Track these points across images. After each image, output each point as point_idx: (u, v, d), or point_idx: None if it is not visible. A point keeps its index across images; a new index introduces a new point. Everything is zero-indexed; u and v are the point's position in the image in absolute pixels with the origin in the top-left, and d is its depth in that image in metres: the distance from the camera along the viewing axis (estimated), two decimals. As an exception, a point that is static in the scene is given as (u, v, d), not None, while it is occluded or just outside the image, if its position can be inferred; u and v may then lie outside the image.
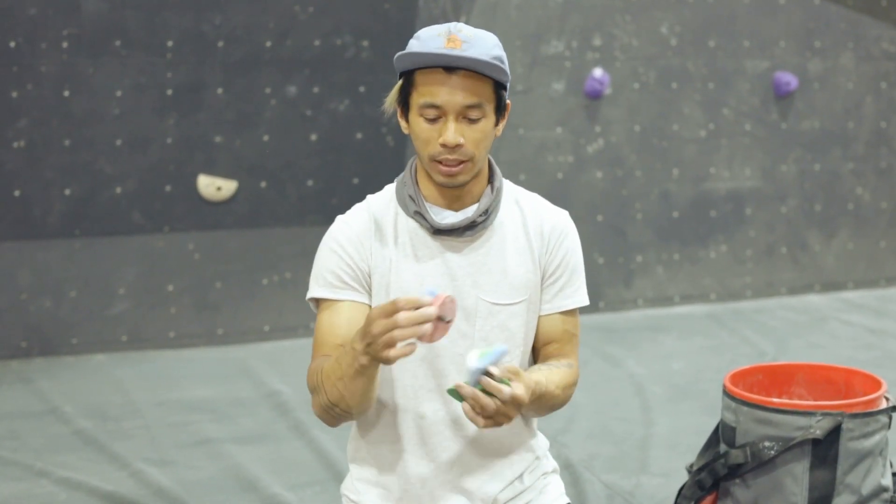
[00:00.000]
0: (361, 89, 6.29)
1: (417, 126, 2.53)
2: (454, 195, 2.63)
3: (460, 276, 2.61)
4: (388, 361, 2.30)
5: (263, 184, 6.22)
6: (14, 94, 5.77)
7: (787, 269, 7.17)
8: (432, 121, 2.51)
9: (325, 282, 2.58)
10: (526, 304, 2.66)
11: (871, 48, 7.13)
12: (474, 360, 2.31)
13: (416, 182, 2.65)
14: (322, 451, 4.76)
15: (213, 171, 6.14)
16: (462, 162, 2.53)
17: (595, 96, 6.60)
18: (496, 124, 2.58)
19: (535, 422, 2.79)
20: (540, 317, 2.70)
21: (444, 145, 2.49)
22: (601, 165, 6.70)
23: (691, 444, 4.66)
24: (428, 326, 2.23)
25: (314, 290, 2.60)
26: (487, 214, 2.63)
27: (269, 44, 6.09)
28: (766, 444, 3.43)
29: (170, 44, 5.95)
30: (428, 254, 2.61)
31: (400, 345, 2.27)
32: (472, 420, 2.32)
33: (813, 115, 7.10)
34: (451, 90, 2.47)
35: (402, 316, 2.22)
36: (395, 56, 2.54)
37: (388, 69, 6.16)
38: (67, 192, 5.91)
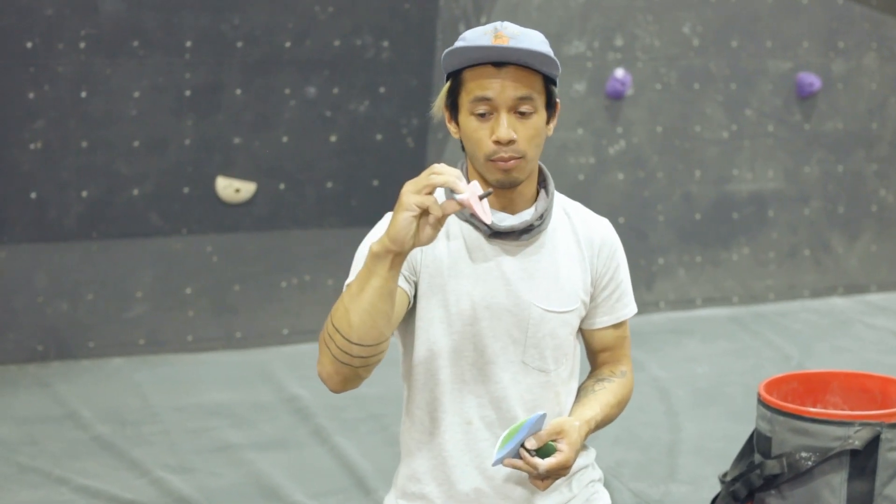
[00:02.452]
0: (381, 90, 6.26)
1: (468, 125, 2.50)
2: (508, 198, 2.59)
3: (514, 281, 2.58)
4: (412, 213, 2.27)
5: (282, 185, 6.20)
6: (31, 95, 5.74)
7: (810, 272, 7.14)
8: (483, 118, 2.47)
9: None
10: (577, 314, 2.65)
11: (896, 48, 7.19)
12: (503, 447, 2.33)
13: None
14: (345, 458, 4.73)
15: (231, 172, 6.12)
16: (515, 158, 2.50)
17: (617, 97, 6.59)
18: (547, 122, 2.56)
19: None
20: (594, 330, 2.71)
21: (497, 142, 2.46)
22: (623, 167, 6.69)
23: (719, 450, 4.66)
24: (463, 185, 2.26)
25: (355, 273, 2.52)
26: (543, 218, 2.61)
27: (288, 44, 6.06)
28: (803, 454, 3.37)
29: (188, 44, 5.92)
30: (482, 257, 2.58)
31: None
32: (533, 484, 2.41)
33: (836, 116, 7.07)
34: (501, 83, 2.45)
35: (439, 165, 2.24)
36: (444, 54, 2.51)
37: (408, 70, 6.23)
38: (84, 193, 5.89)
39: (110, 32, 5.78)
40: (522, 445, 2.33)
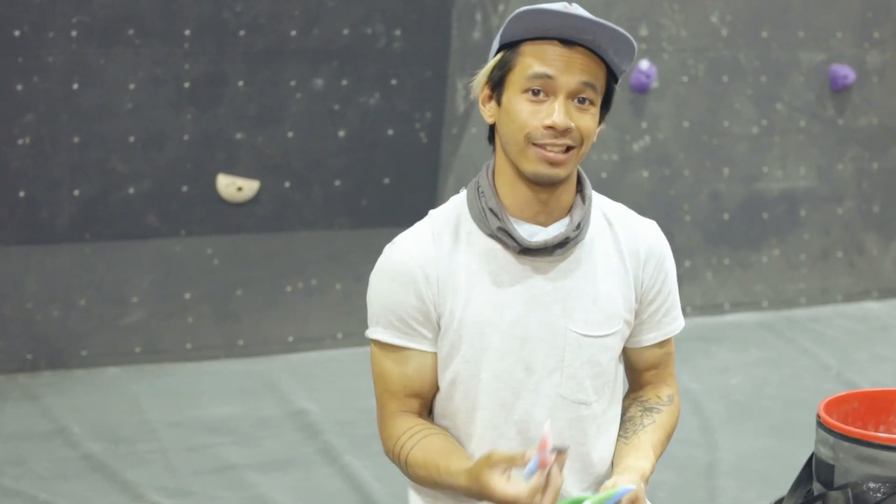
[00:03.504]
0: (393, 82, 6.16)
1: (515, 104, 2.32)
2: (542, 204, 2.40)
3: (546, 303, 2.42)
4: None
5: (288, 184, 6.14)
6: (19, 87, 5.66)
7: (844, 275, 7.09)
8: (536, 97, 2.30)
9: (388, 324, 2.41)
10: (619, 336, 2.50)
11: (934, 38, 7.11)
12: None
13: (496, 191, 2.41)
14: (355, 480, 4.60)
15: (233, 170, 6.05)
16: (570, 148, 2.33)
17: (641, 90, 6.56)
18: (599, 123, 2.41)
19: None
20: (638, 349, 2.57)
21: (550, 127, 2.29)
22: (647, 164, 6.65)
23: (761, 471, 4.61)
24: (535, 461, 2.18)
25: (376, 332, 2.43)
26: (580, 229, 2.43)
27: (294, 33, 5.96)
28: (871, 485, 3.08)
29: (187, 33, 5.83)
30: (509, 279, 2.40)
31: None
32: None
33: (871, 111, 7.01)
34: (567, 62, 2.29)
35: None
36: (510, 17, 2.31)
37: (422, 61, 6.13)
38: (77, 192, 5.83)
39: (104, 20, 5.70)
40: None
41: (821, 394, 4.79)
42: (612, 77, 2.40)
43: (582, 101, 2.32)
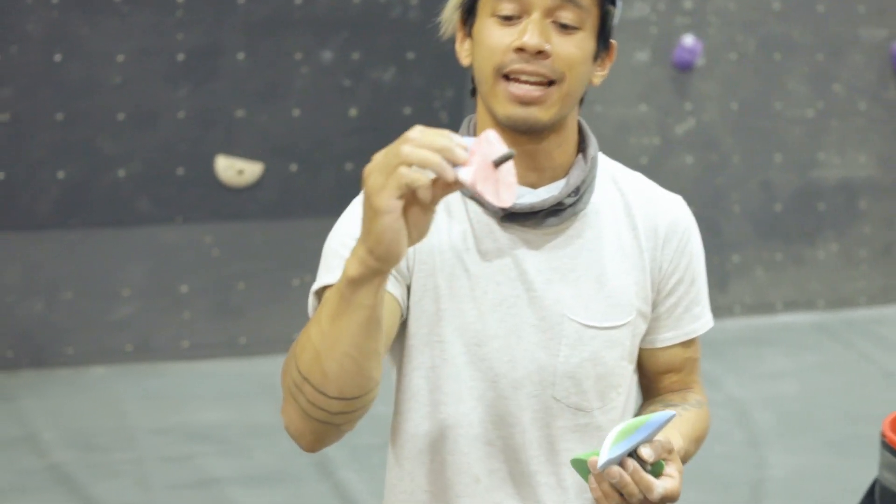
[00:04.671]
0: (409, 55, 6.12)
1: (484, 31, 2.09)
2: (529, 159, 2.12)
3: (539, 284, 2.15)
4: (390, 198, 1.70)
5: (293, 167, 6.08)
6: None
7: None
8: (509, 22, 2.07)
9: (342, 260, 2.04)
10: (630, 330, 2.21)
11: None
12: (617, 445, 1.95)
13: None
14: (350, 498, 4.50)
15: (233, 151, 5.99)
16: (547, 82, 2.05)
17: (685, 68, 6.46)
18: (595, 58, 2.12)
19: None
20: (655, 350, 2.29)
21: (520, 49, 2.03)
22: (692, 149, 6.56)
23: (816, 493, 4.58)
24: (461, 154, 1.68)
25: (323, 278, 2.09)
26: (579, 194, 2.16)
27: (299, 0, 5.97)
28: None
29: None
30: (494, 250, 2.15)
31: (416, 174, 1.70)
32: (598, 502, 1.99)
33: None
34: None
35: (416, 132, 1.69)
36: None
37: (439, 31, 5.79)
38: (61, 175, 5.79)
39: (89, -15, 5.75)
40: (634, 452, 1.97)
41: (884, 405, 4.69)
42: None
43: (564, 26, 2.06)
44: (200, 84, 5.90)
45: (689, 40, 6.38)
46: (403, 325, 2.19)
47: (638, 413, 2.33)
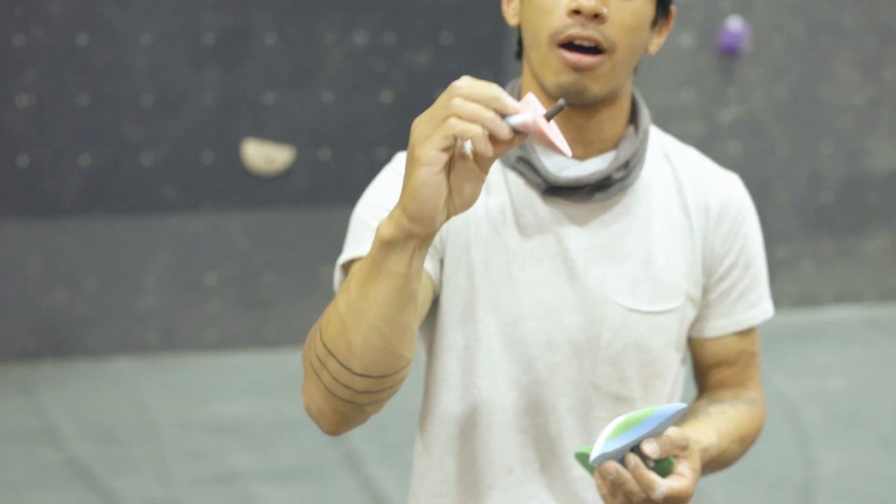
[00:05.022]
0: (445, 38, 6.06)
1: None
2: (578, 131, 2.04)
3: (581, 264, 2.08)
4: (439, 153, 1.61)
5: (325, 153, 6.05)
6: (18, 42, 5.60)
7: None
8: None
9: (371, 231, 2.02)
10: (678, 316, 2.13)
11: None
12: (613, 439, 1.84)
13: None
14: (379, 494, 4.45)
15: (262, 137, 5.97)
16: (600, 51, 1.97)
17: (730, 52, 6.42)
18: (653, 25, 2.04)
19: None
20: (706, 340, 2.20)
21: (576, 12, 1.95)
22: (737, 137, 6.54)
23: (866, 492, 4.55)
24: (512, 104, 1.60)
25: (351, 251, 2.03)
26: (629, 168, 2.07)
27: None
28: None
29: None
30: (535, 224, 2.07)
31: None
32: (604, 500, 1.90)
33: None
34: None
35: (464, 81, 1.60)
36: None
37: (477, 13, 6.02)
38: (84, 161, 5.76)
39: (114, -37, 5.77)
40: (637, 448, 1.87)
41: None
42: None
43: None
44: (229, 67, 5.88)
45: (735, 24, 6.32)
46: (435, 301, 2.12)
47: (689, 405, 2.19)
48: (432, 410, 2.14)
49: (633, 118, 2.12)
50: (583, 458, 1.87)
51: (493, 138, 1.58)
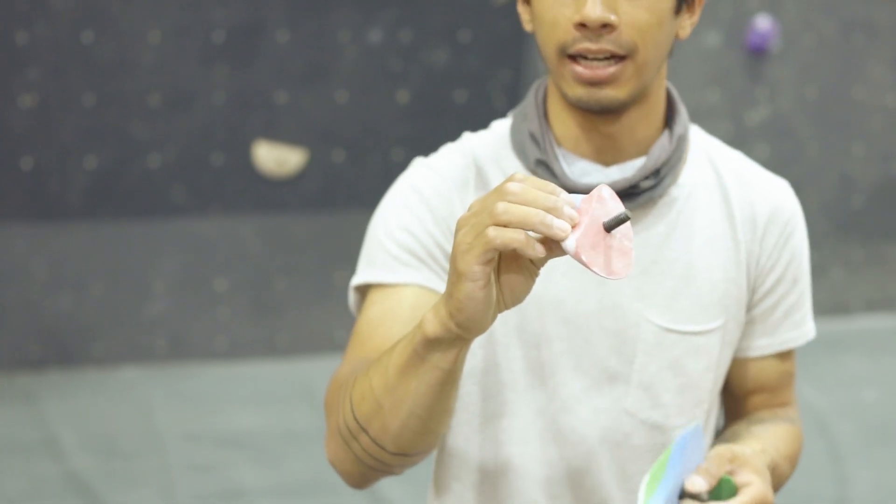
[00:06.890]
0: (463, 36, 6.03)
1: (543, 2, 1.91)
2: (607, 139, 1.95)
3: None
4: (482, 257, 1.53)
5: (339, 155, 6.03)
6: (21, 39, 5.57)
7: None
8: None
9: (388, 255, 1.98)
10: (720, 337, 2.02)
11: None
12: (653, 496, 1.73)
13: (546, 115, 2.01)
14: None
15: (274, 138, 5.95)
16: (615, 58, 1.87)
17: (758, 51, 6.38)
18: (677, 11, 1.92)
19: None
20: (747, 360, 2.09)
21: (581, 25, 1.85)
22: (766, 138, 6.49)
23: None
24: (570, 214, 1.50)
25: (366, 273, 2.00)
26: (660, 176, 1.96)
27: None
28: None
29: None
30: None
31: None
32: None
33: None
34: None
35: (516, 185, 1.52)
36: None
37: (496, 9, 6.00)
38: (90, 162, 5.74)
39: (121, -42, 5.79)
40: (684, 492, 1.78)
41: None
42: None
43: None
44: (239, 66, 5.86)
45: (763, 22, 6.28)
46: None
47: (718, 440, 2.12)
48: (449, 441, 2.07)
49: (670, 119, 2.02)
50: None
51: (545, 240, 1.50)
